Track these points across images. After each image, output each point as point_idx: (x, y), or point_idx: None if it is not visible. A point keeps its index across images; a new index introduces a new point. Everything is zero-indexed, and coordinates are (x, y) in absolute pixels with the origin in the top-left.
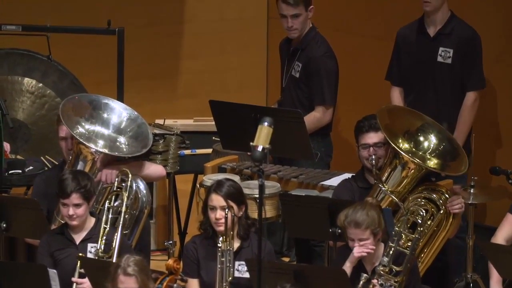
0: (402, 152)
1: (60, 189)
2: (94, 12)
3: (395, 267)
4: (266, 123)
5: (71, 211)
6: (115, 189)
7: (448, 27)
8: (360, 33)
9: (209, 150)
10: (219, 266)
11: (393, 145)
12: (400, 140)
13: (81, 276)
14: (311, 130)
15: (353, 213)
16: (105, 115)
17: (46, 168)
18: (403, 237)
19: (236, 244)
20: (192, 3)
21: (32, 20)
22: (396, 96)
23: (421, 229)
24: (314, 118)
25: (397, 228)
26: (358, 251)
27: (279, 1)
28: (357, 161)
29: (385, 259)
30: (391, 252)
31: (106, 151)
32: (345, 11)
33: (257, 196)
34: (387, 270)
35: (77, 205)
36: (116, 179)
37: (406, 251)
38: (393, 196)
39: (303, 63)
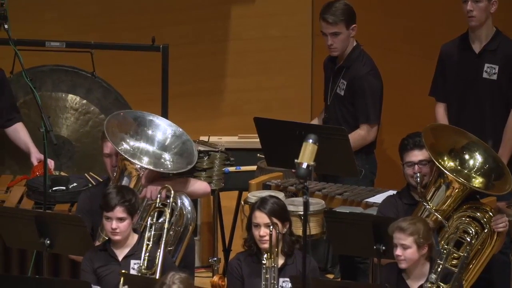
0: (446, 172)
1: (104, 202)
2: (138, 29)
3: (442, 284)
4: (310, 140)
5: (114, 224)
6: (159, 205)
7: (493, 44)
8: (404, 51)
9: (254, 167)
10: (263, 283)
11: (438, 164)
12: (445, 158)
13: None
14: (355, 148)
15: (402, 221)
16: (150, 132)
17: (90, 185)
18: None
19: (281, 261)
20: (236, 21)
21: (76, 37)
22: (441, 113)
23: (469, 248)
24: (359, 136)
25: (446, 246)
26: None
27: (320, 19)
28: (401, 178)
29: (433, 276)
30: (439, 269)
31: (151, 167)
32: (389, 29)
33: (302, 213)
34: (434, 287)
35: (120, 219)
36: (160, 196)
37: (454, 269)
38: (438, 214)
39: (348, 81)
